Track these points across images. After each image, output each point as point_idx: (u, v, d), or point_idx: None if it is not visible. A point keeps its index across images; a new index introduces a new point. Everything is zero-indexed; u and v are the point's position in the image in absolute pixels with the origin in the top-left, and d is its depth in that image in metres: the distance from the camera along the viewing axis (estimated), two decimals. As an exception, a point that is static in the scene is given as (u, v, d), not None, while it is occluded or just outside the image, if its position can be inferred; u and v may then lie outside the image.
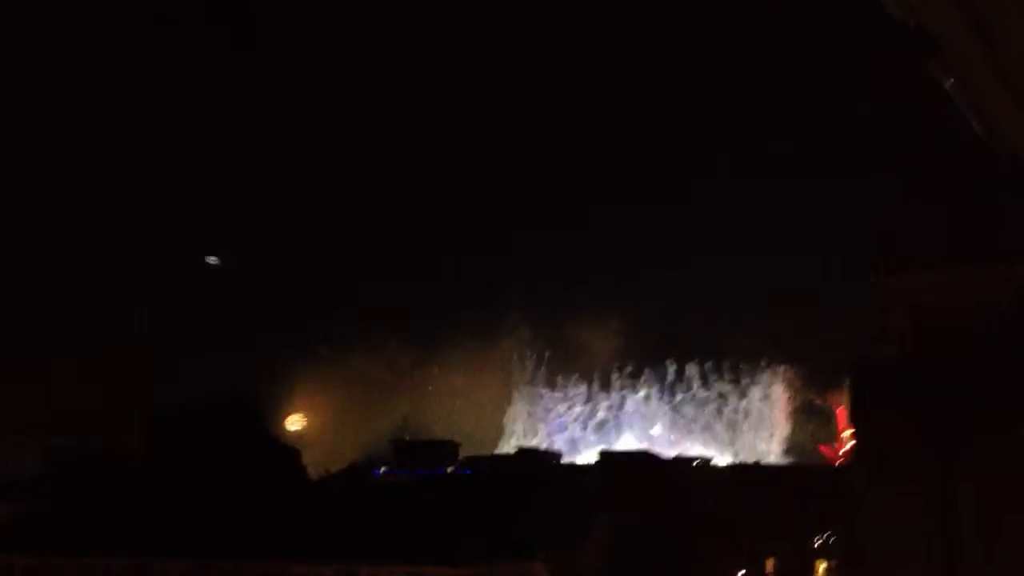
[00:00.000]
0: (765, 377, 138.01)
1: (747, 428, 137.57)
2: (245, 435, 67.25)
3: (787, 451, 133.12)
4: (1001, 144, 5.09)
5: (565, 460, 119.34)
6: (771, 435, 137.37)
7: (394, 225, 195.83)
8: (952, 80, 4.66)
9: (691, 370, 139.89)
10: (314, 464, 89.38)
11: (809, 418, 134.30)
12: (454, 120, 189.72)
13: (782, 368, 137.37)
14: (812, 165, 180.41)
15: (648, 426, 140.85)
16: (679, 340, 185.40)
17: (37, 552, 45.33)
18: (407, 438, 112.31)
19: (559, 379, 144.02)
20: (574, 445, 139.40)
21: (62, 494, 52.04)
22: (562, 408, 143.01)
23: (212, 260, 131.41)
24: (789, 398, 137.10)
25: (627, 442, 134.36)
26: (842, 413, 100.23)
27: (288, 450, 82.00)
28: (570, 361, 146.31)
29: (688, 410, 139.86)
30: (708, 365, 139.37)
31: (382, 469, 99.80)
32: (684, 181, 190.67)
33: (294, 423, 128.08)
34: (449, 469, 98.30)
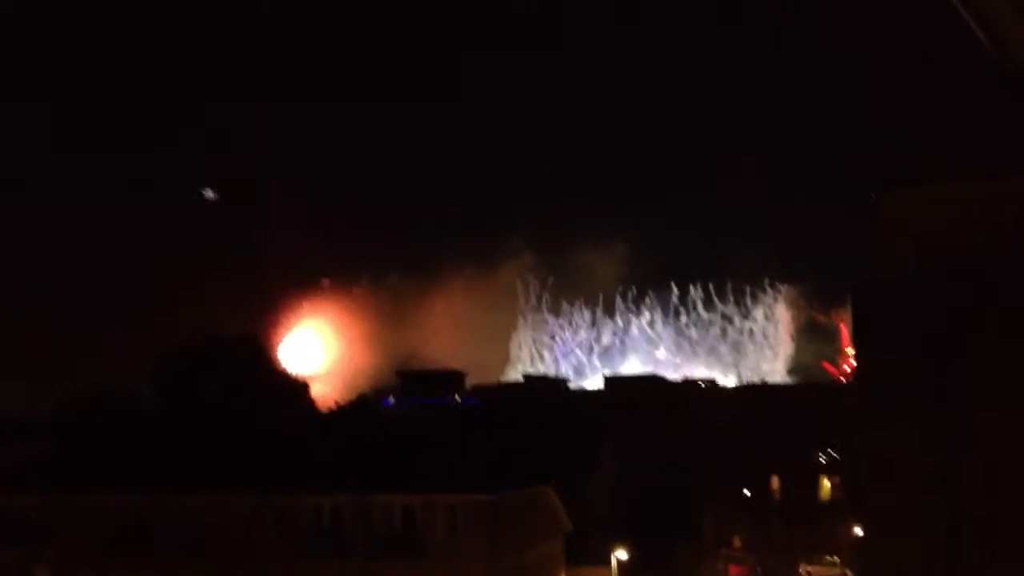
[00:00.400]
0: (768, 297, 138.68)
1: (751, 348, 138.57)
2: (252, 372, 67.76)
3: (792, 370, 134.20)
4: (1006, 55, 4.98)
5: (572, 385, 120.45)
6: (775, 354, 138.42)
7: (394, 148, 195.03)
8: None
9: (694, 292, 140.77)
10: (323, 397, 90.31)
11: (813, 336, 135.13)
12: (458, 43, 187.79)
13: (784, 287, 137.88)
14: (813, 86, 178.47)
15: (653, 349, 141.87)
16: (682, 263, 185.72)
17: (51, 491, 45.91)
18: (413, 369, 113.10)
19: (563, 305, 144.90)
20: (580, 370, 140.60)
21: (75, 435, 52.61)
22: (568, 334, 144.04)
23: (209, 194, 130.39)
24: (792, 317, 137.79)
25: (632, 366, 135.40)
26: (846, 329, 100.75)
27: (296, 384, 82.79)
28: (574, 286, 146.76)
29: (693, 332, 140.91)
30: (711, 287, 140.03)
31: (390, 400, 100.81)
32: (682, 107, 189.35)
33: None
34: (456, 398, 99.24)
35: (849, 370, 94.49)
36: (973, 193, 20.14)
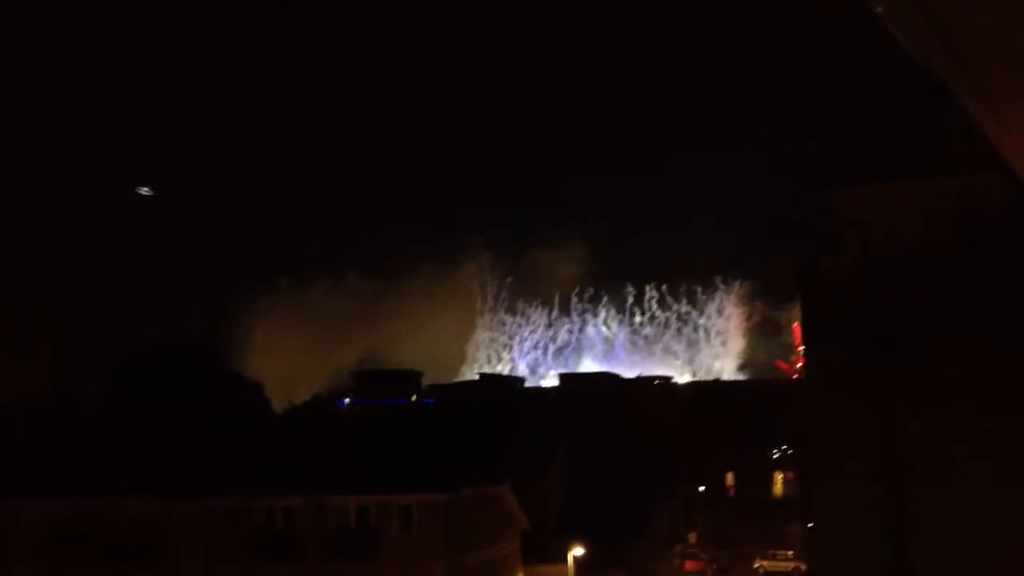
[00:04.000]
0: (721, 295, 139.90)
1: (705, 346, 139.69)
2: (204, 373, 67.02)
3: (745, 367, 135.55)
4: (929, 63, 5.09)
5: (528, 384, 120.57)
6: (728, 352, 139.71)
7: (354, 149, 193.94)
8: (880, 8, 4.62)
9: (650, 292, 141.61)
10: (277, 398, 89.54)
11: (766, 333, 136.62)
12: (424, 45, 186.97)
13: (737, 284, 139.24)
14: (762, 87, 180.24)
15: (608, 349, 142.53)
16: (636, 264, 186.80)
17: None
18: (369, 369, 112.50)
19: (520, 304, 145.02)
20: (536, 369, 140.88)
21: (21, 436, 51.64)
22: (524, 333, 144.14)
23: (144, 191, 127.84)
24: (745, 315, 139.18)
25: (588, 365, 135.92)
26: (798, 328, 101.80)
27: (250, 385, 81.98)
28: (531, 287, 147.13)
29: (647, 331, 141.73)
30: (664, 288, 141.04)
31: (346, 400, 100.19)
32: (638, 109, 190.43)
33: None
34: (412, 398, 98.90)
35: (799, 369, 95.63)
36: (917, 191, 20.46)
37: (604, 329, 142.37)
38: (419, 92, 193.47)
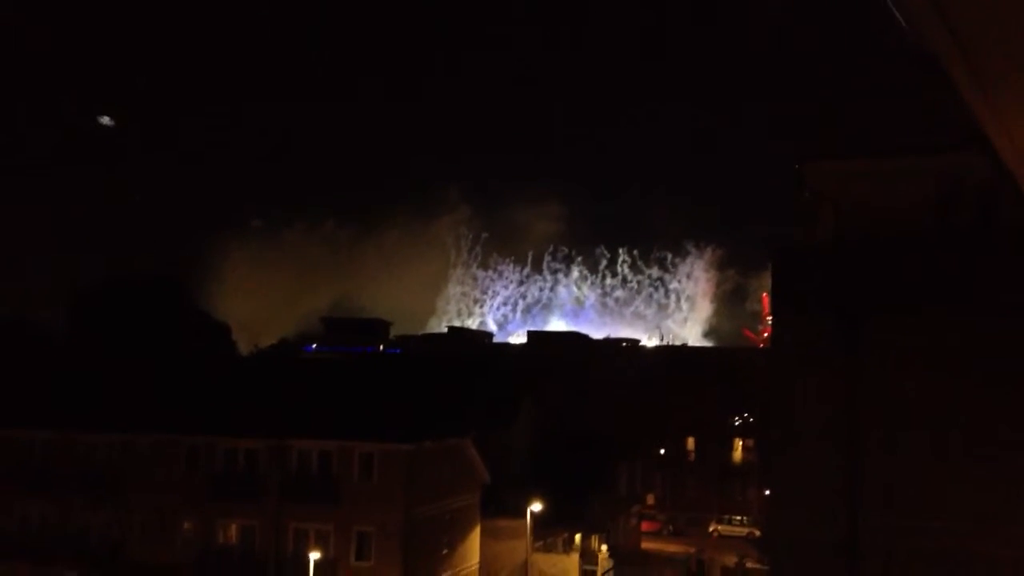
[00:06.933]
0: (692, 261, 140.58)
1: (675, 311, 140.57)
2: (171, 311, 66.60)
3: (713, 334, 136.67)
4: (917, 32, 5.03)
5: (496, 340, 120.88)
6: (698, 318, 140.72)
7: (336, 97, 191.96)
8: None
9: (623, 254, 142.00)
10: (244, 340, 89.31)
11: (735, 302, 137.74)
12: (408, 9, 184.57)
13: (709, 249, 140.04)
14: (739, 58, 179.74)
15: (578, 309, 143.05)
16: (611, 227, 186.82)
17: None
18: (337, 316, 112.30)
19: (494, 260, 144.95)
20: (505, 325, 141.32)
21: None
22: (496, 288, 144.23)
23: (105, 120, 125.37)
24: (716, 283, 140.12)
25: (557, 324, 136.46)
26: (767, 297, 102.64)
27: (217, 325, 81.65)
28: (506, 243, 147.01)
29: (618, 294, 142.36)
30: (636, 252, 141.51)
31: (313, 346, 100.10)
32: (620, 72, 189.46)
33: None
34: (380, 347, 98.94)
35: (766, 338, 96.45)
36: (893, 168, 20.49)
37: (575, 289, 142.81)
38: (408, 40, 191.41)
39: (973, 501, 16.07)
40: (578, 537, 55.38)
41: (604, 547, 57.91)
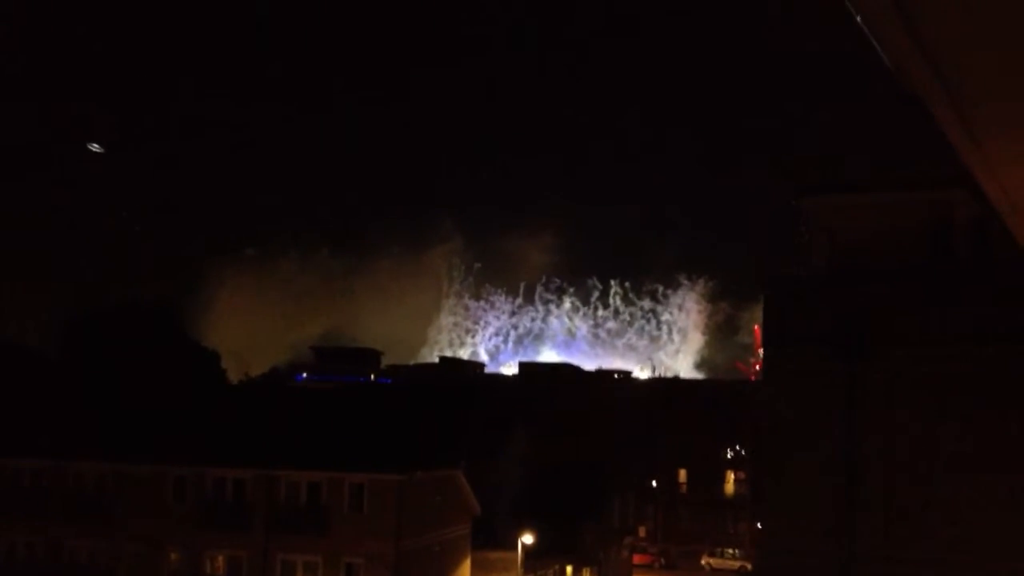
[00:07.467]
0: (684, 293, 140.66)
1: (667, 343, 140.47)
2: (162, 338, 66.31)
3: (705, 366, 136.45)
4: (906, 77, 5.07)
5: (487, 370, 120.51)
6: (690, 350, 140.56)
7: (331, 126, 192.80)
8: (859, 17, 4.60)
9: (615, 286, 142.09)
10: (235, 368, 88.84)
11: (727, 335, 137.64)
12: (400, 38, 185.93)
13: (701, 281, 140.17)
14: (739, 85, 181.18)
15: (569, 340, 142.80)
16: (603, 258, 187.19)
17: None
18: (328, 345, 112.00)
19: (486, 290, 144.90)
20: (497, 356, 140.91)
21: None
22: (488, 319, 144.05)
23: (95, 147, 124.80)
24: (708, 316, 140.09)
25: (548, 355, 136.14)
26: (758, 329, 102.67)
27: (207, 353, 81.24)
28: (498, 274, 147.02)
29: (610, 325, 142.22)
30: (628, 283, 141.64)
31: (304, 375, 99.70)
32: (615, 108, 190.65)
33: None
34: (371, 377, 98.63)
35: (758, 371, 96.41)
36: (887, 203, 20.64)
37: (567, 320, 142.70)
38: (403, 71, 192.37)
39: (969, 533, 16.01)
40: (570, 569, 54.98)
41: (595, 580, 57.48)
